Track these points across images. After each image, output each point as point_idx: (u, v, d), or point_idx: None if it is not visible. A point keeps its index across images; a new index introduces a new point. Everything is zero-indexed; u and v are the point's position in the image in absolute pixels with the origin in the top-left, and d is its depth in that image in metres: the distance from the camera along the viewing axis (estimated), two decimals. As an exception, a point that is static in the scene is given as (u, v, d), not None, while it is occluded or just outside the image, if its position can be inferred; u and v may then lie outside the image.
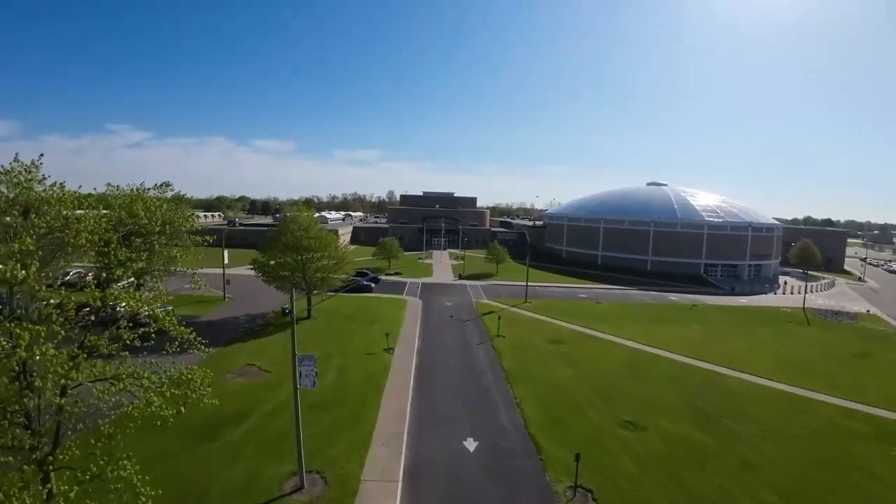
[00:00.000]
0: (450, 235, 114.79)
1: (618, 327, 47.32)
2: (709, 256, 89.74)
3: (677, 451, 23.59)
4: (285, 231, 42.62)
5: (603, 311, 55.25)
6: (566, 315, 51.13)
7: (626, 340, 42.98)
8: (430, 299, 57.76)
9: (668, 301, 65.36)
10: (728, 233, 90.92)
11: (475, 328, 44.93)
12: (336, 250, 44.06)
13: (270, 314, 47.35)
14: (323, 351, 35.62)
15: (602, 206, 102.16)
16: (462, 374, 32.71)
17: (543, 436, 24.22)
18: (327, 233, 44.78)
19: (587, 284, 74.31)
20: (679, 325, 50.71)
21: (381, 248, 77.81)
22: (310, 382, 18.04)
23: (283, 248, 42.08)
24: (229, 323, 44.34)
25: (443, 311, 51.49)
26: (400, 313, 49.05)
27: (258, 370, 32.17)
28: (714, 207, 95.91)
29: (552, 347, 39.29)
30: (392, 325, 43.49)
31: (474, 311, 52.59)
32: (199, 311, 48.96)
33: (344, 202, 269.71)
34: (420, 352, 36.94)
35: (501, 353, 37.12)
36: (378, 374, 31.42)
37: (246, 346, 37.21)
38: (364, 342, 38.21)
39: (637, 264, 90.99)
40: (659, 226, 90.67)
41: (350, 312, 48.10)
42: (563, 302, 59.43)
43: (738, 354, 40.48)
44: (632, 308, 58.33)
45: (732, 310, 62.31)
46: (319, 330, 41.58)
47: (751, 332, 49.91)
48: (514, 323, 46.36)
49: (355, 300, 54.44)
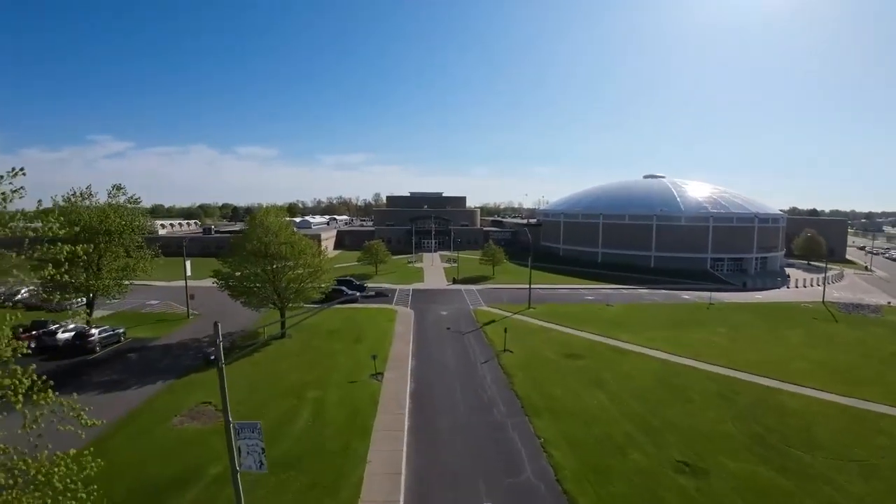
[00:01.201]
0: (440, 236, 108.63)
1: (637, 334, 41.76)
2: (715, 250, 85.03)
3: (753, 502, 18.10)
4: (251, 236, 36.18)
5: (615, 314, 49.70)
6: (577, 322, 45.42)
7: (651, 350, 37.44)
8: (423, 308, 51.63)
9: (681, 300, 60.13)
10: (734, 225, 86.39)
11: (477, 341, 38.92)
12: (314, 258, 37.70)
13: (238, 335, 40.82)
14: (297, 381, 29.33)
15: (600, 200, 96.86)
16: (467, 405, 26.64)
17: (583, 493, 18.33)
18: (301, 237, 38.42)
19: (591, 284, 68.82)
20: (702, 328, 45.43)
21: (367, 253, 71.32)
22: (254, 462, 11.87)
23: (249, 256, 35.65)
24: (189, 347, 37.73)
25: (438, 322, 45.40)
26: (389, 326, 42.84)
27: (214, 410, 25.77)
28: (716, 198, 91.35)
29: (570, 364, 33.46)
30: (381, 343, 37.32)
31: (473, 320, 46.59)
32: (158, 331, 42.28)
33: (329, 206, 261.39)
34: (415, 376, 30.78)
35: (512, 373, 31.17)
36: (364, 412, 25.22)
37: (204, 377, 30.71)
38: (348, 366, 31.96)
39: (640, 261, 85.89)
40: (662, 219, 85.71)
41: (332, 328, 41.75)
42: (570, 306, 53.76)
43: (777, 362, 35.63)
44: (646, 310, 52.90)
45: (751, 308, 57.36)
46: (294, 352, 35.20)
47: (780, 333, 45.02)
48: (521, 333, 40.48)
49: (339, 313, 48.05)
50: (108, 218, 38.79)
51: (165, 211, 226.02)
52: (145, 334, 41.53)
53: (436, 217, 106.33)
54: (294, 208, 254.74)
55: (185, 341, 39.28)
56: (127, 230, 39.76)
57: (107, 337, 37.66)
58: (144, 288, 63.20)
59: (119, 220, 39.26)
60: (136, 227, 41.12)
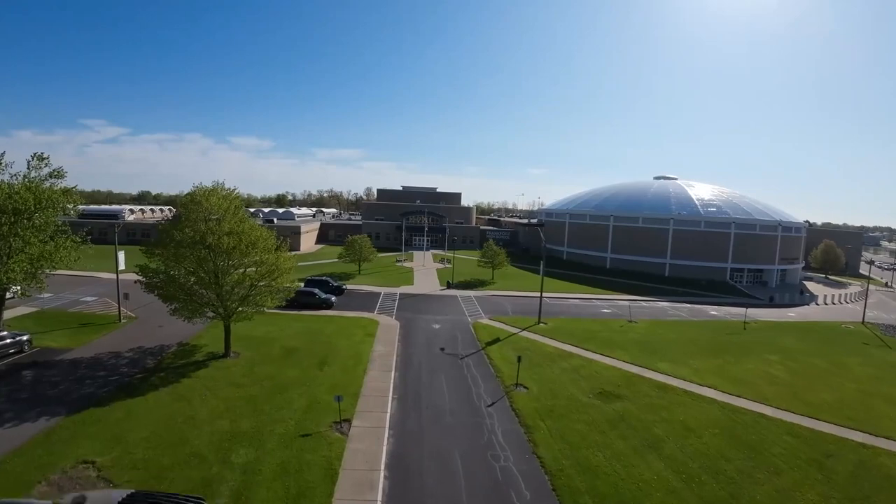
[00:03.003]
0: (434, 234, 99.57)
1: (679, 363, 33.44)
2: (735, 260, 77.30)
3: None
4: (183, 223, 27.06)
5: (643, 334, 41.30)
6: (600, 343, 36.93)
7: (703, 388, 29.13)
8: (412, 319, 42.67)
9: (711, 317, 52.05)
10: (757, 233, 78.72)
11: (480, 370, 30.14)
12: (267, 253, 28.56)
13: (173, 350, 31.71)
14: (226, 430, 20.35)
15: (611, 201, 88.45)
16: (473, 485, 17.81)
17: None
18: (255, 226, 29.22)
19: (603, 294, 60.42)
20: (749, 355, 37.38)
21: (349, 249, 62.04)
22: None
23: (179, 248, 26.55)
24: (104, 363, 28.66)
25: (430, 340, 36.52)
26: (367, 344, 33.82)
27: (97, 478, 16.85)
28: (737, 202, 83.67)
29: (606, 409, 24.87)
30: (352, 371, 28.41)
31: (473, 337, 37.79)
32: (75, 340, 33.14)
33: (319, 199, 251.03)
34: (395, 428, 21.86)
35: (532, 425, 22.46)
36: (312, 497, 16.36)
37: (108, 412, 21.74)
38: (301, 408, 23.03)
39: (653, 268, 77.81)
40: (679, 224, 77.66)
41: (292, 344, 32.68)
42: (586, 321, 45.17)
43: (856, 404, 28.40)
44: (676, 329, 44.58)
45: (790, 328, 49.57)
46: (235, 380, 26.14)
47: (838, 362, 37.84)
48: (535, 360, 31.87)
49: (305, 322, 39.03)
50: (15, 195, 29.88)
51: (153, 198, 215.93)
52: (57, 343, 32.30)
53: (429, 212, 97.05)
54: (283, 199, 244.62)
55: (102, 356, 30.13)
56: (44, 210, 30.95)
57: (1, 346, 28.59)
58: (88, 280, 53.81)
59: (33, 197, 30.37)
60: (58, 206, 32.20)
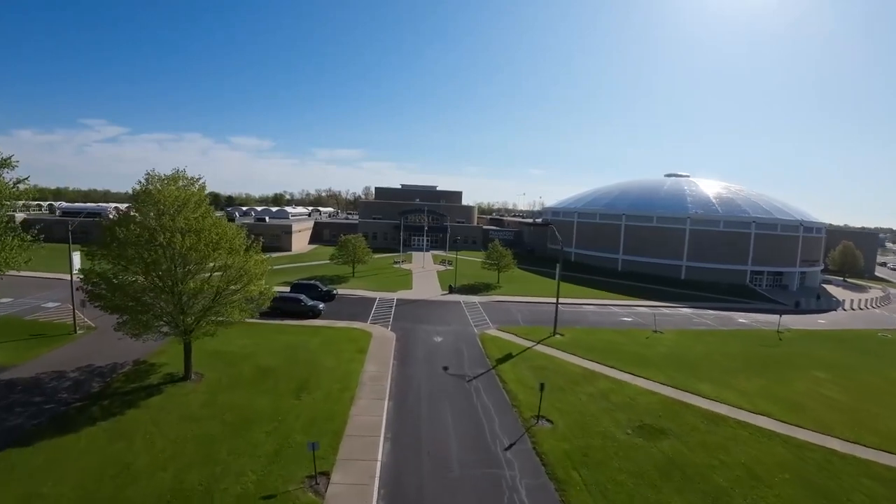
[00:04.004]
0: (434, 233, 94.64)
1: (721, 384, 28.66)
2: (756, 262, 72.54)
3: None
4: (127, 219, 22.15)
5: (673, 348, 36.48)
6: (628, 360, 32.04)
7: (756, 416, 24.39)
8: (410, 330, 37.64)
9: (740, 325, 47.29)
10: (778, 233, 73.96)
11: (492, 397, 25.20)
12: (233, 255, 23.57)
13: (126, 368, 26.88)
14: (167, 486, 15.41)
15: (622, 199, 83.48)
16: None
17: None
18: (218, 221, 24.14)
19: (619, 299, 55.54)
20: (794, 370, 32.77)
21: (342, 249, 57.06)
22: None
23: (123, 248, 21.63)
24: (43, 386, 24.04)
25: (431, 356, 31.48)
26: (356, 365, 28.63)
27: None
28: (755, 201, 78.87)
29: (652, 450, 19.99)
30: (338, 398, 23.52)
31: (481, 352, 32.85)
32: (22, 354, 28.58)
33: (318, 199, 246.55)
34: (387, 489, 16.77)
35: (564, 479, 17.49)
36: None
37: (24, 457, 16.98)
38: (268, 453, 18.12)
39: (668, 271, 72.99)
40: (696, 223, 72.82)
41: (268, 363, 27.74)
42: (607, 332, 40.19)
43: None
44: (706, 341, 39.73)
45: (827, 338, 44.91)
46: (190, 412, 21.22)
47: (891, 377, 34.08)
48: (556, 381, 26.99)
49: (287, 334, 34.09)
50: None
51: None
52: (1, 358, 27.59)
53: (429, 211, 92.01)
54: (280, 199, 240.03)
55: (44, 376, 25.39)
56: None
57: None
58: (55, 283, 48.77)
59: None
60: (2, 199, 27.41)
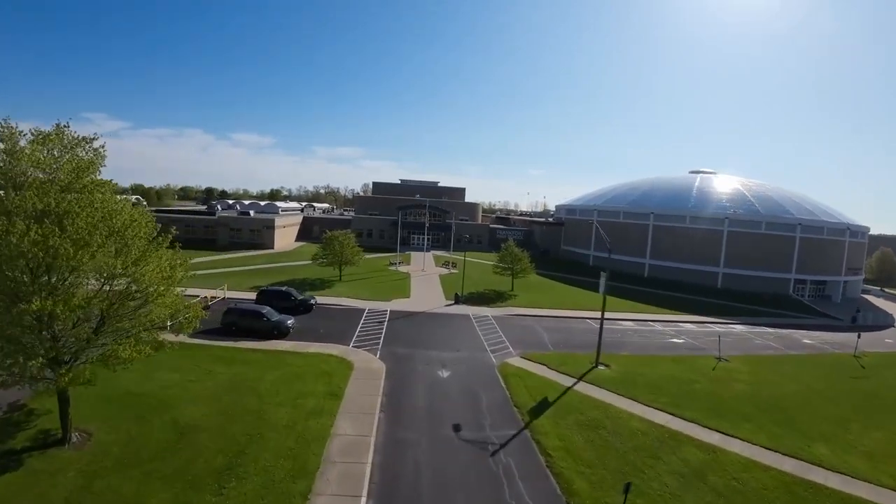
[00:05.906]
0: (436, 231, 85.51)
1: (837, 442, 20.17)
2: (799, 270, 63.79)
3: None
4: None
5: (750, 384, 27.56)
6: (704, 405, 23.16)
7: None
8: (405, 358, 28.16)
9: (807, 348, 38.66)
10: (824, 238, 65.28)
11: (532, 486, 16.05)
12: (117, 256, 14.55)
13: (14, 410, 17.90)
14: None
15: (648, 196, 74.30)
16: None
17: None
18: (111, 197, 15.12)
19: (659, 313, 46.26)
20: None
21: (327, 248, 47.78)
22: None
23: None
24: None
25: (435, 406, 22.10)
26: (323, 421, 19.32)
27: None
28: (797, 202, 70.11)
29: None
30: (284, 491, 14.48)
31: (506, 398, 23.32)
32: None
33: (316, 195, 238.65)
34: None
35: None
36: None
37: None
38: None
39: (702, 278, 64.05)
40: (735, 224, 63.96)
41: (192, 417, 18.61)
42: (661, 361, 30.83)
43: None
44: (782, 371, 30.81)
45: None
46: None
47: None
48: (617, 446, 18.14)
49: (235, 365, 24.80)
50: None
51: (143, 191, 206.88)
52: None
53: (431, 206, 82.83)
54: (277, 195, 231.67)
55: None
56: None
57: None
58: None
59: None
60: None
